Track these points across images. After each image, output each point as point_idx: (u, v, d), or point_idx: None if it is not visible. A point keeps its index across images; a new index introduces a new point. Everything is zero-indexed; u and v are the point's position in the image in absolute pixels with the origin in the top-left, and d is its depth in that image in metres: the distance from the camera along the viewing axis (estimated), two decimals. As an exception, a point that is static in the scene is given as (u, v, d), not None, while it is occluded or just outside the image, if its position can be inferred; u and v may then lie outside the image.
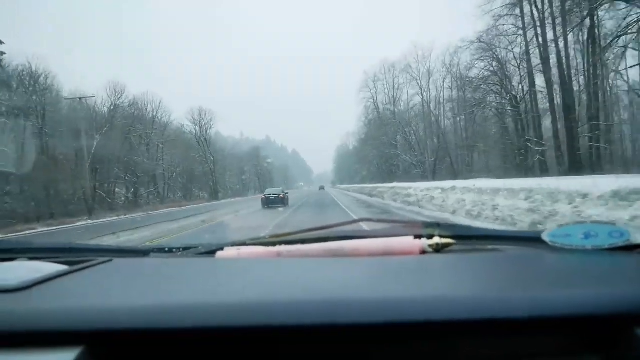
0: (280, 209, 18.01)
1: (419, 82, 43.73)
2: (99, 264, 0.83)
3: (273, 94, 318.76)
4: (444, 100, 41.30)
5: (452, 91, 39.05)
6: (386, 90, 49.73)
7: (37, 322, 0.52)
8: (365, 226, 1.14)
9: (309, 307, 0.53)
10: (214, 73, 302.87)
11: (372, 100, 51.31)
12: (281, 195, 20.60)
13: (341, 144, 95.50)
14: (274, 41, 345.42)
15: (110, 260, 0.86)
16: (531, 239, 0.86)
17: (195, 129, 54.19)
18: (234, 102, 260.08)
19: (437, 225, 0.92)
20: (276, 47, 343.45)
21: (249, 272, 0.77)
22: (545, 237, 0.79)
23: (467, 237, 0.93)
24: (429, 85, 43.20)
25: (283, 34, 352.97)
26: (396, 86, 48.49)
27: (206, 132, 55.96)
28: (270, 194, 20.95)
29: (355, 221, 1.11)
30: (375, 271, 0.75)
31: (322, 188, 76.30)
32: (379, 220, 1.31)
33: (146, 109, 41.05)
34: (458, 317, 0.51)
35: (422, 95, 43.63)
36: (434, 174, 37.33)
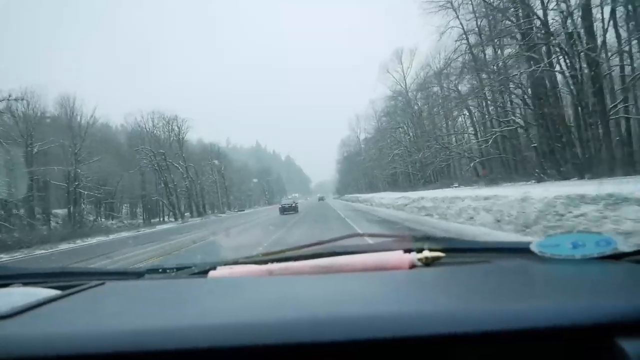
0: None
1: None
2: (91, 287, 0.83)
3: (263, 94, 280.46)
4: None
5: None
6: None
7: (28, 348, 0.53)
8: (356, 241, 1.15)
9: (299, 325, 0.54)
10: (193, 73, 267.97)
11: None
12: (293, 205, 26.90)
13: (349, 134, 70.38)
14: (262, 29, 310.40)
15: (103, 284, 0.87)
16: (520, 250, 0.86)
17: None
18: (219, 106, 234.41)
19: (426, 238, 0.93)
20: (265, 36, 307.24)
21: (241, 291, 0.78)
22: (533, 247, 0.79)
23: (456, 250, 0.94)
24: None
25: (272, 19, 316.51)
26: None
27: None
28: (285, 204, 27.53)
29: (346, 237, 1.12)
30: (365, 287, 0.75)
31: (321, 199, 64.80)
32: (369, 235, 1.32)
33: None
34: (447, 331, 0.51)
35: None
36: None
